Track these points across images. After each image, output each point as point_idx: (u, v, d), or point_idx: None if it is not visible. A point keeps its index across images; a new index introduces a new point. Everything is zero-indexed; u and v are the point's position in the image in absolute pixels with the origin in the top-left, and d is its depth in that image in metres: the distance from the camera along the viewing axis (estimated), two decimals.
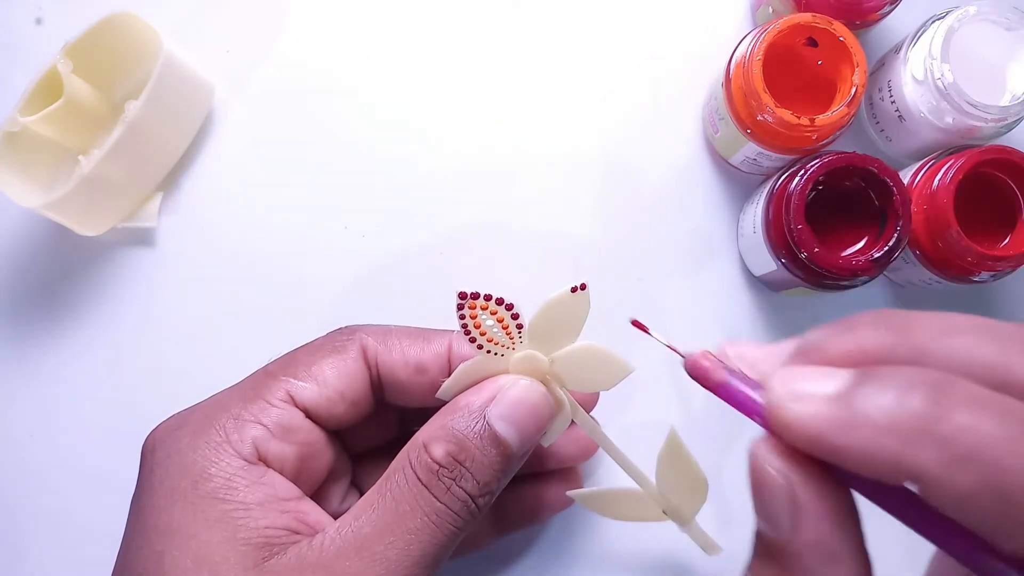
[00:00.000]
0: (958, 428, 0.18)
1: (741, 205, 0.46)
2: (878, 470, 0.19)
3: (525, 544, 0.44)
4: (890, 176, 0.38)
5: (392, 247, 0.46)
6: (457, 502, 0.29)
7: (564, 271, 0.46)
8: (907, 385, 0.19)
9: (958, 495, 0.18)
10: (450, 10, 0.48)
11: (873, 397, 0.19)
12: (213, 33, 0.48)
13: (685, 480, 0.33)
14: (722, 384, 0.24)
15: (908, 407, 0.19)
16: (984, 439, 0.18)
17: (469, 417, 0.30)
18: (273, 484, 0.30)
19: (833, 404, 0.20)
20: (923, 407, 0.19)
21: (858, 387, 0.20)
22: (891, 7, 0.41)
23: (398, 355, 0.33)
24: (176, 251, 0.47)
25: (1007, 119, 0.39)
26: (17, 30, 0.49)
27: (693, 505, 0.34)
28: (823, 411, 0.20)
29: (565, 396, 0.31)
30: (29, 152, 0.44)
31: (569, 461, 0.40)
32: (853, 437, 0.19)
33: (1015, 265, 0.38)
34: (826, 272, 0.38)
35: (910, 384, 0.19)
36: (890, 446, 0.19)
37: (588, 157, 0.47)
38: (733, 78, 0.40)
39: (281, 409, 0.31)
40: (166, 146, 0.46)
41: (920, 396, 0.19)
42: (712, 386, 0.24)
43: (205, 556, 0.28)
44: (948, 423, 0.18)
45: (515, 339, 0.30)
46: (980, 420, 0.18)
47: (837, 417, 0.20)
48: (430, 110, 0.47)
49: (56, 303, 0.47)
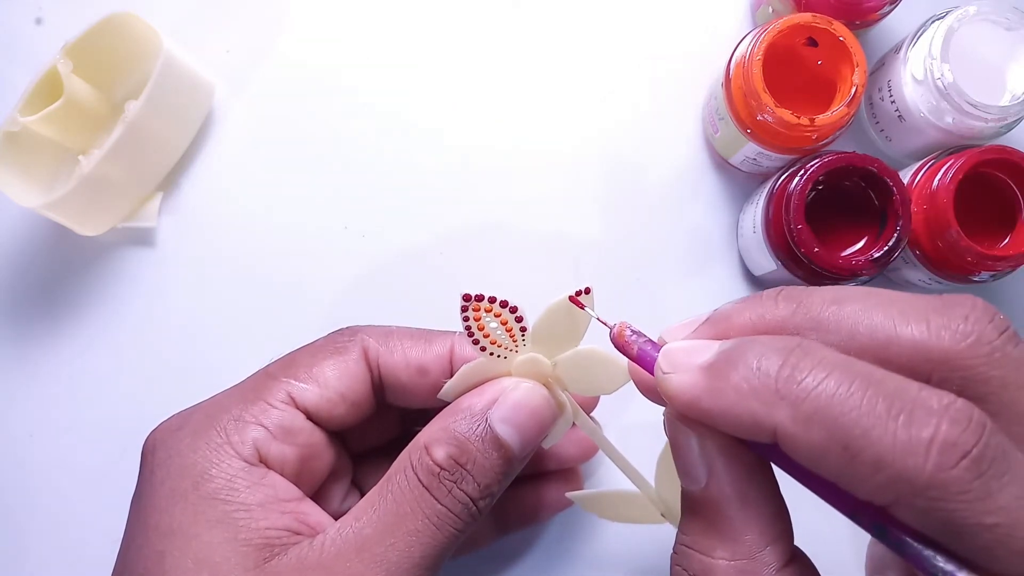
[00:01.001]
0: (805, 389, 0.20)
1: (741, 205, 0.46)
2: (744, 430, 0.22)
3: (525, 544, 0.44)
4: (890, 176, 0.38)
5: (392, 247, 0.46)
6: (458, 504, 0.29)
7: (564, 271, 0.46)
8: (765, 351, 0.21)
9: (810, 449, 0.20)
10: (450, 10, 0.48)
11: (735, 364, 0.22)
12: (213, 33, 0.48)
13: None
14: (639, 356, 0.26)
15: (764, 371, 0.21)
16: (827, 398, 0.20)
17: (471, 419, 0.30)
18: (274, 485, 0.30)
19: (703, 373, 0.22)
20: (776, 371, 0.21)
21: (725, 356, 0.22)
22: (891, 7, 0.41)
23: (399, 356, 0.33)
24: (176, 251, 0.47)
25: (1007, 119, 0.39)
26: (17, 30, 0.49)
27: None
28: (694, 380, 0.23)
29: (567, 399, 0.31)
30: (29, 152, 0.44)
31: (569, 462, 0.40)
32: (718, 401, 0.22)
33: (1015, 265, 0.38)
34: (826, 272, 0.38)
35: (767, 351, 0.21)
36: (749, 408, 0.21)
37: (588, 157, 0.47)
38: (733, 78, 0.40)
39: (282, 411, 0.31)
40: (166, 146, 0.46)
41: (775, 361, 0.21)
42: (631, 356, 0.26)
43: (206, 557, 0.28)
44: (797, 385, 0.20)
45: (518, 342, 0.29)
46: (825, 381, 0.20)
47: (705, 384, 0.22)
48: (430, 110, 0.47)
49: (56, 303, 0.47)
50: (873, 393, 0.20)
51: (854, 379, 0.20)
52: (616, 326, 0.27)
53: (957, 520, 0.19)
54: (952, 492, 0.19)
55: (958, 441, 0.19)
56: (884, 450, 0.19)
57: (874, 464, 0.19)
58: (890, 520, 0.21)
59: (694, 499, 0.24)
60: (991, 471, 0.19)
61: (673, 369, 0.23)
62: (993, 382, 0.21)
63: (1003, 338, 0.21)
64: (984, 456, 0.19)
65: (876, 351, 0.21)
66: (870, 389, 0.20)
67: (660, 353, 0.25)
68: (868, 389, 0.20)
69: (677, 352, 0.24)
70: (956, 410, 0.19)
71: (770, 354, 0.21)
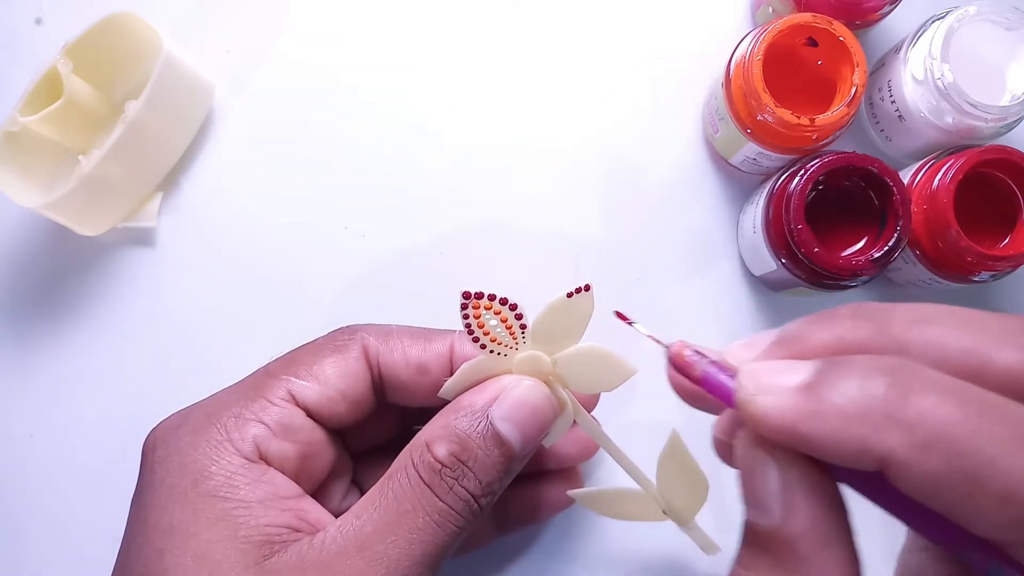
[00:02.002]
0: (921, 413, 0.18)
1: (741, 205, 0.46)
2: (847, 457, 0.20)
3: (525, 543, 0.44)
4: (890, 176, 0.38)
5: (392, 247, 0.46)
6: (459, 502, 0.29)
7: (564, 271, 0.46)
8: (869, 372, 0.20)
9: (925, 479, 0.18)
10: (450, 10, 0.48)
11: (837, 386, 0.20)
12: (213, 33, 0.48)
13: (685, 481, 0.33)
14: (703, 377, 0.24)
15: (871, 394, 0.19)
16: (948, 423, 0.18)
17: (472, 417, 0.30)
18: (274, 482, 0.30)
19: (799, 395, 0.20)
20: (886, 393, 0.19)
21: (822, 377, 0.20)
22: (891, 7, 0.41)
23: (399, 355, 0.33)
24: (176, 251, 0.47)
25: (1007, 119, 0.39)
26: (17, 30, 0.49)
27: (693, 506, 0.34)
28: (790, 402, 0.21)
29: (568, 397, 0.31)
30: (29, 152, 0.44)
31: (570, 461, 0.40)
32: (820, 426, 0.20)
33: (1015, 265, 0.38)
34: (826, 272, 0.38)
35: (872, 371, 0.20)
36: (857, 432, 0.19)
37: (588, 157, 0.47)
38: (733, 78, 0.40)
39: (282, 408, 0.31)
40: (166, 146, 0.46)
41: (882, 382, 0.19)
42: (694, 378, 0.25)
43: (206, 554, 0.28)
44: (912, 408, 0.19)
45: (518, 339, 0.29)
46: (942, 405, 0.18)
47: (803, 407, 0.20)
48: (430, 110, 0.47)
49: (56, 303, 0.47)
50: (996, 419, 0.18)
51: (971, 404, 0.18)
52: (673, 346, 0.25)
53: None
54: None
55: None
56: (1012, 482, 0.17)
57: (1001, 497, 0.18)
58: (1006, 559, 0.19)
59: (764, 534, 0.22)
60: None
61: (760, 391, 0.21)
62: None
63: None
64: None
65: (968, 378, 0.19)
66: (992, 415, 0.18)
67: (743, 373, 0.22)
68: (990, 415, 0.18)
69: (764, 373, 0.22)
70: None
71: (875, 375, 0.19)
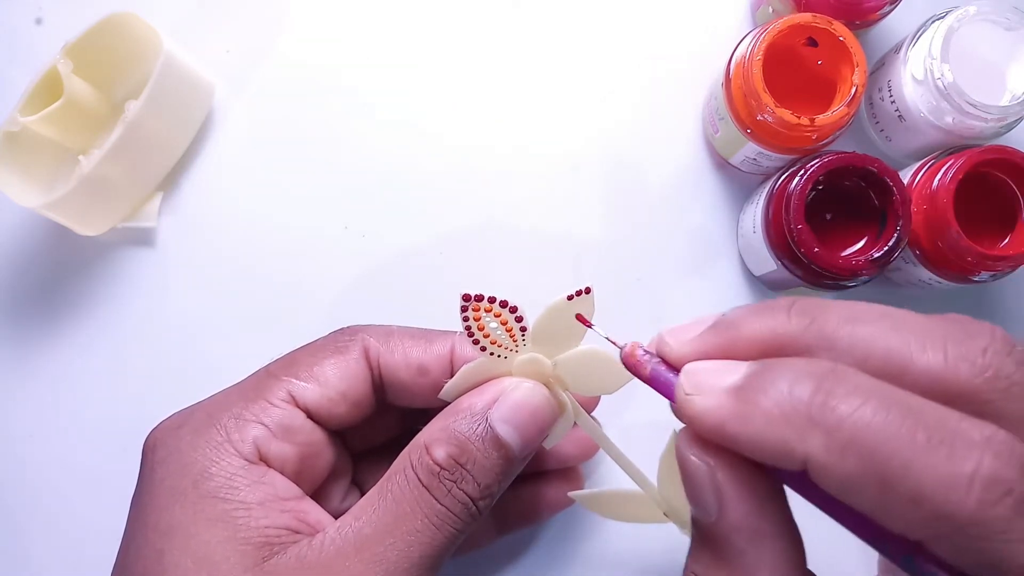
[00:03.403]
0: (840, 417, 0.19)
1: (741, 205, 0.46)
2: (771, 456, 0.20)
3: (525, 544, 0.44)
4: (890, 176, 0.38)
5: (392, 247, 0.46)
6: (458, 504, 0.29)
7: (564, 271, 0.46)
8: (797, 376, 0.20)
9: (843, 480, 0.19)
10: (450, 10, 0.48)
11: (766, 388, 0.21)
12: (213, 33, 0.48)
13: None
14: (652, 377, 0.25)
15: (796, 397, 0.20)
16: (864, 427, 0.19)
17: (471, 419, 0.30)
18: (274, 484, 0.30)
19: (730, 396, 0.21)
20: (809, 397, 0.20)
21: (753, 379, 0.21)
22: (891, 7, 0.41)
23: (400, 356, 0.33)
24: (176, 251, 0.47)
25: (1007, 119, 0.39)
26: (17, 30, 0.49)
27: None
28: (721, 403, 0.21)
29: (568, 399, 0.31)
30: (29, 152, 0.44)
31: (569, 461, 0.40)
32: (746, 427, 0.21)
33: (1015, 265, 0.38)
34: (826, 272, 0.38)
35: (799, 375, 0.20)
36: (780, 434, 0.20)
37: (588, 157, 0.47)
38: (733, 78, 0.40)
39: (282, 409, 0.31)
40: (166, 146, 0.46)
41: (808, 386, 0.20)
42: (643, 377, 0.25)
43: (205, 555, 0.28)
44: (832, 412, 0.19)
45: (518, 342, 0.29)
46: (861, 409, 0.19)
47: (732, 409, 0.21)
48: (430, 110, 0.47)
49: (56, 303, 0.47)
50: (912, 423, 0.19)
51: (891, 407, 0.19)
52: (627, 346, 0.26)
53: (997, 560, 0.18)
54: (994, 531, 0.18)
55: (1001, 477, 0.18)
56: (923, 484, 0.18)
57: (912, 498, 0.18)
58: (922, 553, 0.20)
59: (705, 529, 0.23)
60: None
61: (697, 391, 0.22)
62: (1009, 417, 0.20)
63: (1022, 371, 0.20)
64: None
65: (890, 378, 0.20)
66: (909, 419, 0.19)
67: (683, 373, 0.23)
68: (907, 419, 0.19)
69: (701, 373, 0.23)
70: (999, 443, 0.18)
71: (803, 378, 0.20)
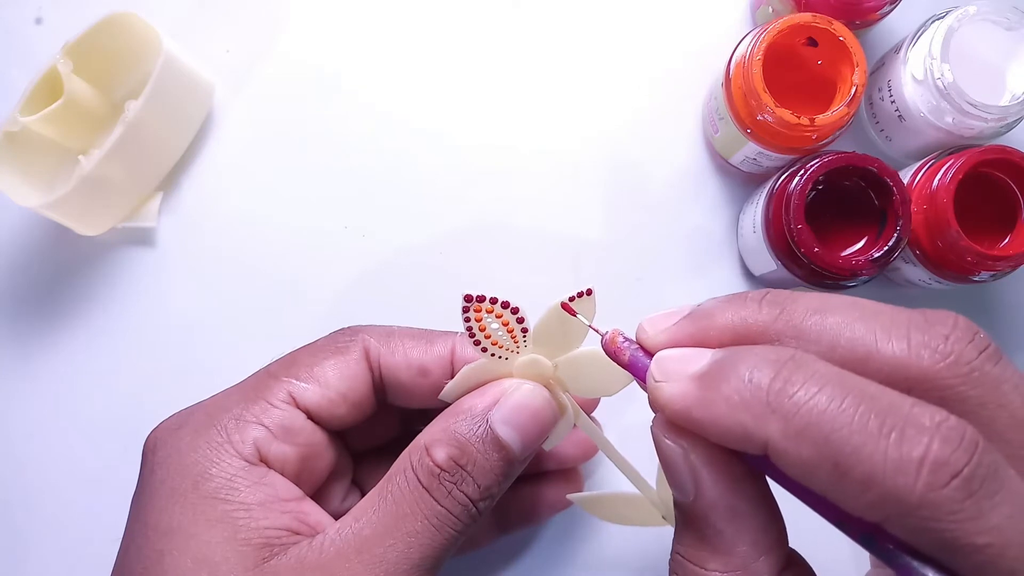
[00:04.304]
0: (796, 403, 0.20)
1: (741, 205, 0.46)
2: (733, 441, 0.21)
3: (525, 544, 0.44)
4: (890, 176, 0.38)
5: (392, 247, 0.46)
6: (458, 506, 0.29)
7: (564, 271, 0.46)
8: (759, 363, 0.21)
9: (800, 464, 0.20)
10: (450, 10, 0.48)
11: (728, 375, 0.21)
12: (213, 33, 0.48)
13: None
14: (630, 363, 0.26)
15: (757, 383, 0.21)
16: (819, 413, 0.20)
17: (471, 420, 0.30)
18: (274, 484, 0.30)
19: (695, 383, 0.22)
20: (770, 383, 0.21)
21: (717, 366, 0.22)
22: (891, 7, 0.41)
23: (400, 357, 0.33)
24: (176, 251, 0.47)
25: (1007, 119, 0.39)
26: (17, 30, 0.49)
27: None
28: (685, 389, 0.22)
29: (568, 401, 0.31)
30: (29, 152, 0.44)
31: (569, 462, 0.40)
32: (709, 412, 0.22)
33: (1015, 265, 0.38)
34: (826, 272, 0.38)
35: (760, 362, 0.21)
36: (740, 419, 0.21)
37: (588, 157, 0.47)
38: (733, 78, 0.40)
39: (283, 410, 0.31)
40: (166, 146, 0.46)
41: (767, 373, 0.21)
42: (622, 363, 0.26)
43: (205, 556, 0.28)
44: (789, 399, 0.20)
45: (519, 343, 0.29)
46: (817, 396, 0.20)
47: (697, 395, 0.22)
48: (430, 110, 0.47)
49: (56, 303, 0.47)
50: (865, 409, 0.19)
51: (847, 394, 0.20)
52: (608, 333, 0.27)
53: (948, 539, 0.19)
54: (943, 512, 0.18)
55: (949, 460, 0.19)
56: (875, 468, 0.19)
57: (864, 482, 0.19)
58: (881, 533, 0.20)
59: (685, 510, 0.24)
60: (982, 490, 0.19)
61: (665, 378, 0.23)
62: (970, 402, 0.20)
63: (982, 357, 0.21)
64: (975, 475, 0.19)
65: (855, 365, 0.21)
66: (863, 405, 0.19)
67: (652, 361, 0.24)
68: (861, 405, 0.19)
69: (669, 360, 0.24)
70: (948, 428, 0.19)
71: (763, 366, 0.21)
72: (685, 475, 0.23)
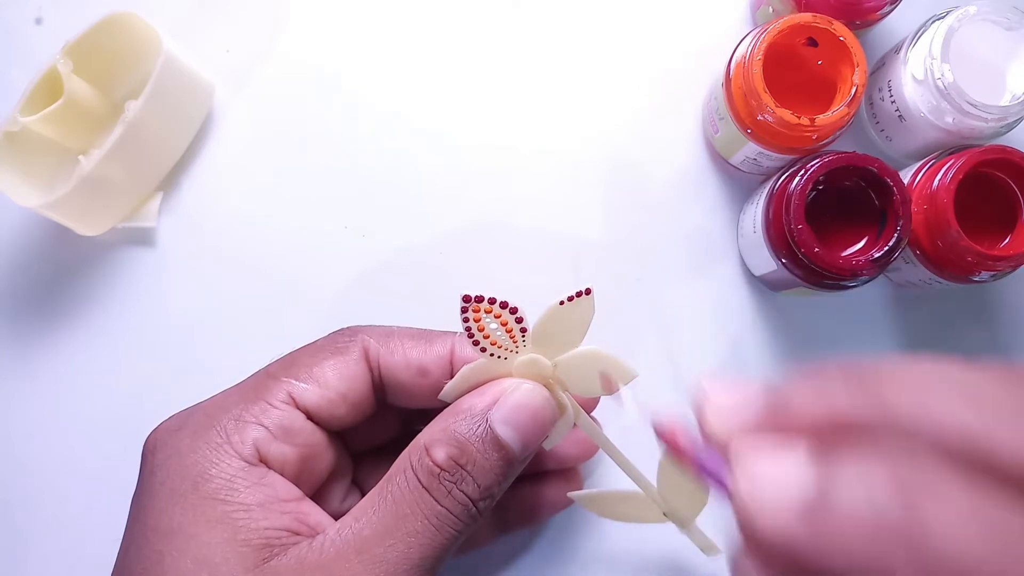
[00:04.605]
0: (930, 535, 0.17)
1: (741, 205, 0.46)
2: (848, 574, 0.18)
3: (525, 544, 0.44)
4: (890, 176, 0.38)
5: (392, 247, 0.46)
6: (458, 506, 0.29)
7: (564, 271, 0.46)
8: (871, 478, 0.18)
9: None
10: (450, 10, 0.48)
11: (840, 500, 0.18)
12: (213, 33, 0.48)
13: (687, 483, 0.33)
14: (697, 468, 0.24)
15: (877, 506, 0.18)
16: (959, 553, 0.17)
17: (471, 420, 0.30)
18: (274, 485, 0.30)
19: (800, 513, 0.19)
20: (892, 505, 0.18)
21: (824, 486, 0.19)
22: (891, 7, 0.41)
23: (400, 357, 0.33)
24: (176, 251, 0.47)
25: (1007, 119, 0.39)
26: (17, 30, 0.49)
27: (694, 508, 0.34)
28: (790, 520, 0.19)
29: (568, 400, 0.31)
30: (29, 152, 0.44)
31: (569, 461, 0.40)
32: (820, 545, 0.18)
33: (1015, 265, 0.38)
34: (826, 272, 0.38)
35: (875, 475, 0.18)
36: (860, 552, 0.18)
37: (588, 157, 0.47)
38: (733, 78, 0.40)
39: (282, 411, 0.31)
40: (166, 146, 0.46)
41: (887, 491, 0.18)
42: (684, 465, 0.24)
43: (205, 557, 0.28)
44: (919, 527, 0.17)
45: (519, 342, 0.29)
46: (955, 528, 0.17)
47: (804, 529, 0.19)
48: (430, 110, 0.47)
49: (56, 303, 0.47)
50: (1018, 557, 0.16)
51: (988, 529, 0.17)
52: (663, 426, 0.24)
53: None
54: None
55: None
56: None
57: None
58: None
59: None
60: None
61: (761, 504, 0.20)
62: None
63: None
64: None
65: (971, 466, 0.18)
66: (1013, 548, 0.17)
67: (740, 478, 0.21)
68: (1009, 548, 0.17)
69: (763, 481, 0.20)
70: None
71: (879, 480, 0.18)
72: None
